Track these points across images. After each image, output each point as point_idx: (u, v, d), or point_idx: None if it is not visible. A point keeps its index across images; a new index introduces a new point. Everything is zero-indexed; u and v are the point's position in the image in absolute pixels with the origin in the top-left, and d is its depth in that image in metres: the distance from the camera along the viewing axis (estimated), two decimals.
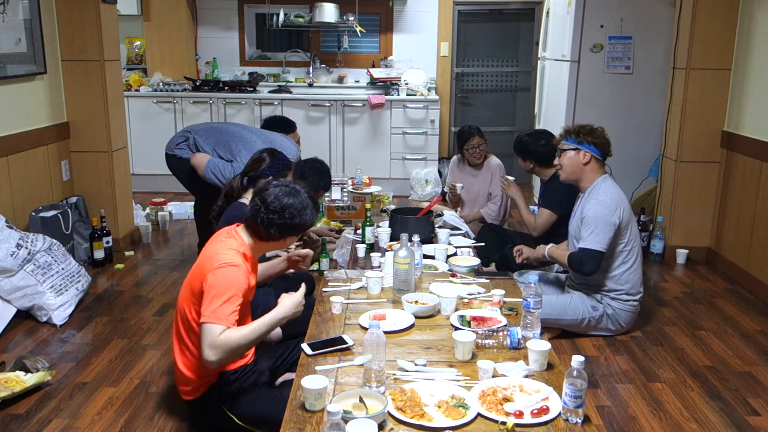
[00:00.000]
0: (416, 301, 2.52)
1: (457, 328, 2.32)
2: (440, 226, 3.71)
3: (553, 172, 3.79)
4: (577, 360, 1.78)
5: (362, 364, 1.94)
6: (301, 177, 3.37)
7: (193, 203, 4.77)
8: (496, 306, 2.52)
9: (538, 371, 2.04)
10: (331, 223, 4.35)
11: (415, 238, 2.81)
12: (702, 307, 3.85)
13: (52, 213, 4.05)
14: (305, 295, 2.26)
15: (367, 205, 3.91)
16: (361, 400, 1.77)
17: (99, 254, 4.35)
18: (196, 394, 2.32)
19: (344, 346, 2.18)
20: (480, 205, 4.53)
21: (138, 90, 6.39)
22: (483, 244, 3.67)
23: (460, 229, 3.78)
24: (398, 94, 6.33)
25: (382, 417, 1.73)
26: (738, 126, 4.31)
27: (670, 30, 4.84)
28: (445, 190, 4.71)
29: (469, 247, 3.43)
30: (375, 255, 3.18)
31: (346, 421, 1.62)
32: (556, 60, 5.83)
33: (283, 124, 4.34)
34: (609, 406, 2.77)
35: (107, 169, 4.58)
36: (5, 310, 3.41)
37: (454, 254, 3.28)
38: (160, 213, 5.33)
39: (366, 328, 2.19)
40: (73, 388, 2.85)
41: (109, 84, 4.47)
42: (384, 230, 3.45)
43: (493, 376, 1.98)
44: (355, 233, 3.76)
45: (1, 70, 3.78)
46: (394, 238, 3.38)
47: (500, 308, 2.51)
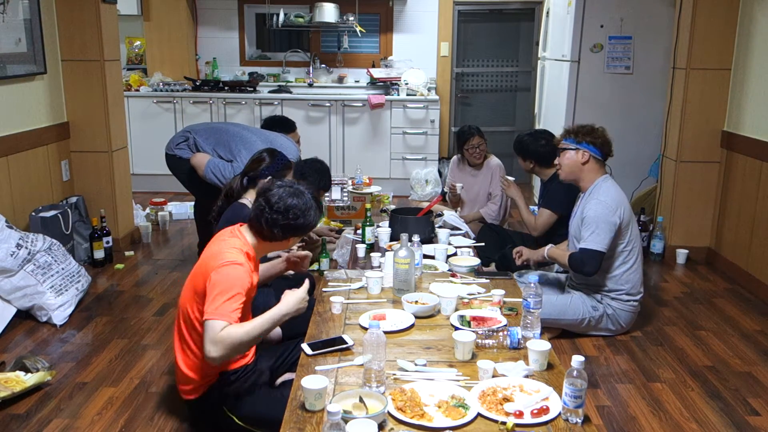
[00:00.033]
0: (416, 301, 2.52)
1: (457, 328, 2.32)
2: (440, 226, 3.71)
3: (553, 172, 3.79)
4: (577, 360, 1.78)
5: (362, 364, 1.94)
6: (301, 177, 3.36)
7: (193, 203, 4.77)
8: (496, 306, 2.52)
9: (538, 371, 2.04)
10: (331, 223, 4.35)
11: (415, 238, 2.82)
12: (702, 307, 3.85)
13: (52, 213, 4.05)
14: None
15: (367, 205, 3.90)
16: (361, 400, 1.77)
17: (99, 254, 4.35)
18: (197, 394, 2.32)
19: (344, 346, 2.18)
20: (480, 205, 4.53)
21: (138, 90, 6.39)
22: (483, 244, 3.67)
23: (460, 229, 3.78)
24: (398, 94, 6.33)
25: (382, 417, 1.73)
26: (738, 126, 4.31)
27: (670, 30, 4.84)
28: (445, 190, 4.71)
29: (469, 247, 3.43)
30: (375, 255, 3.18)
31: (346, 421, 1.62)
32: (556, 60, 5.83)
33: (283, 124, 4.34)
34: (609, 406, 2.78)
35: (107, 169, 4.58)
36: (5, 310, 3.41)
37: (454, 254, 3.28)
38: (160, 213, 5.33)
39: (366, 328, 2.19)
40: (73, 388, 2.85)
41: (109, 84, 4.47)
42: (384, 230, 3.45)
43: (493, 376, 1.98)
44: (355, 233, 3.76)
45: (1, 70, 3.78)
46: (394, 238, 3.38)
47: (500, 308, 2.51)
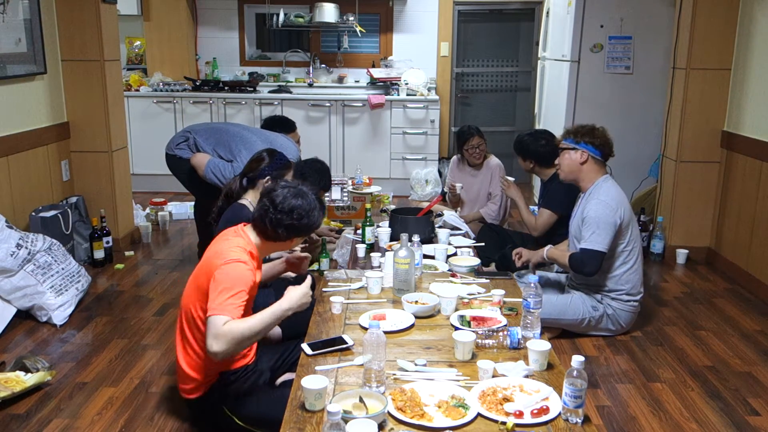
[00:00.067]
0: (416, 301, 2.52)
1: (457, 328, 2.32)
2: (440, 226, 3.71)
3: (553, 172, 3.79)
4: (577, 360, 1.78)
5: (362, 364, 1.94)
6: (301, 177, 3.35)
7: (193, 203, 4.77)
8: (496, 306, 2.52)
9: (538, 371, 2.04)
10: (331, 223, 4.35)
11: (415, 238, 2.82)
12: (702, 307, 3.85)
13: (52, 213, 4.05)
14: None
15: (367, 205, 3.90)
16: (361, 400, 1.77)
17: (99, 254, 4.35)
18: (197, 393, 2.32)
19: (344, 346, 2.18)
20: (480, 205, 4.53)
21: (138, 90, 6.39)
22: (483, 244, 3.67)
23: (460, 229, 3.78)
24: (398, 94, 6.33)
25: (382, 417, 1.73)
26: (738, 126, 4.31)
27: (670, 30, 4.84)
28: (445, 190, 4.71)
29: (469, 247, 3.43)
30: (375, 255, 3.18)
31: (346, 421, 1.62)
32: (556, 60, 5.83)
33: (283, 124, 4.34)
34: (609, 406, 2.78)
35: (107, 169, 4.58)
36: (5, 310, 3.41)
37: (454, 254, 3.28)
38: (160, 213, 5.33)
39: (366, 328, 2.19)
40: (73, 388, 2.85)
41: (109, 84, 4.47)
42: (384, 230, 3.45)
43: (493, 376, 1.98)
44: (355, 233, 3.76)
45: (1, 70, 3.78)
46: (394, 238, 3.38)
47: (500, 308, 2.51)
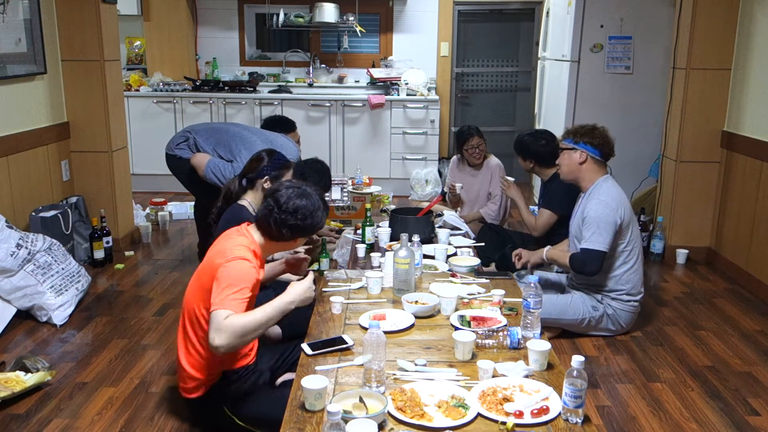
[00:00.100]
0: (416, 301, 2.52)
1: (457, 328, 2.32)
2: (440, 226, 3.71)
3: (553, 172, 3.79)
4: (577, 360, 1.78)
5: (362, 364, 1.94)
6: (301, 177, 3.35)
7: (193, 203, 4.77)
8: (496, 306, 2.52)
9: (538, 371, 2.04)
10: (331, 223, 4.35)
11: (415, 238, 2.82)
12: (702, 307, 3.85)
13: (52, 213, 4.05)
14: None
15: (367, 205, 3.90)
16: (361, 400, 1.77)
17: (99, 254, 4.35)
18: (198, 393, 2.32)
19: (344, 346, 2.18)
20: (480, 205, 4.53)
21: (138, 90, 6.39)
22: (483, 244, 3.67)
23: (460, 229, 3.78)
24: (398, 94, 6.33)
25: (382, 417, 1.73)
26: (738, 126, 4.31)
27: (670, 30, 4.84)
28: (445, 190, 4.71)
29: (469, 247, 3.43)
30: (375, 255, 3.18)
31: (346, 421, 1.62)
32: (556, 60, 5.83)
33: (283, 124, 4.34)
34: (609, 406, 2.78)
35: (107, 169, 4.58)
36: (5, 310, 3.41)
37: (454, 254, 3.28)
38: (160, 213, 5.33)
39: (366, 328, 2.19)
40: (73, 388, 2.85)
41: (109, 84, 4.47)
42: (384, 230, 3.45)
43: (493, 376, 1.98)
44: (355, 233, 3.76)
45: (1, 70, 3.78)
46: (394, 238, 3.38)
47: (500, 308, 2.51)
